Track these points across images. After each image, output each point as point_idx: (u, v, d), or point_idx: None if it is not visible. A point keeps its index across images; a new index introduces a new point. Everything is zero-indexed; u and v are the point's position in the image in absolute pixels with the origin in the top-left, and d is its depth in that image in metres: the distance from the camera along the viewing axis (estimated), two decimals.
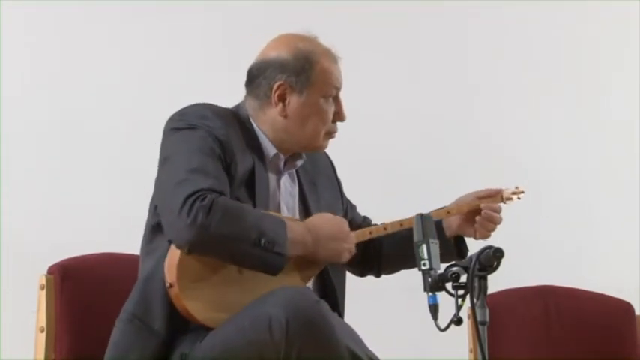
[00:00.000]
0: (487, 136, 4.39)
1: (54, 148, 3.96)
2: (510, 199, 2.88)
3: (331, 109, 2.73)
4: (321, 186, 2.84)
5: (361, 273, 2.98)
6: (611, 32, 4.55)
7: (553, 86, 4.50)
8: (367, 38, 4.25)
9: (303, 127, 2.70)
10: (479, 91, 4.43)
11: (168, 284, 2.49)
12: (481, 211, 2.83)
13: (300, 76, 2.68)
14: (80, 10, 4.02)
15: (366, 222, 2.98)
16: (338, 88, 2.74)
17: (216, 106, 2.69)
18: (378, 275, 3.00)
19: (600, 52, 4.55)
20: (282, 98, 2.69)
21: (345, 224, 2.69)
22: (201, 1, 4.16)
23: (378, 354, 2.54)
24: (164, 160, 2.60)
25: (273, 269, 2.50)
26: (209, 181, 2.49)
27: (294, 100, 2.69)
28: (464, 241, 2.91)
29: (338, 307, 2.72)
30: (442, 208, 2.85)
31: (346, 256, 2.67)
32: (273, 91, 2.69)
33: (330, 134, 2.75)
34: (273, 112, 2.70)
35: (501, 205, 2.87)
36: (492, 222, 2.83)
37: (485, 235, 2.84)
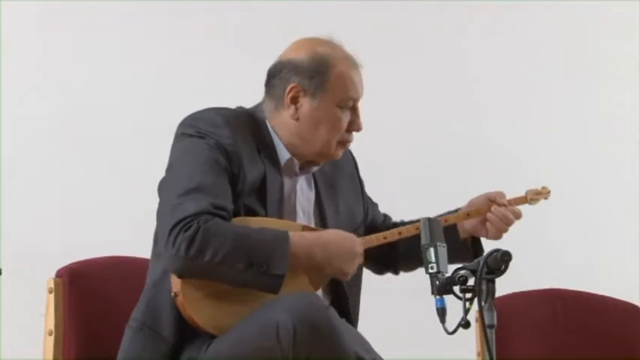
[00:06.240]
0: (493, 138, 4.39)
1: (62, 150, 3.97)
2: (535, 199, 2.85)
3: (345, 118, 2.67)
4: (340, 188, 2.80)
5: (379, 271, 2.96)
6: (612, 32, 4.55)
7: (558, 87, 4.50)
8: (373, 42, 4.25)
9: (314, 133, 2.65)
10: (483, 93, 4.43)
11: (173, 294, 2.48)
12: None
13: (313, 79, 2.63)
14: (90, 10, 4.03)
15: (386, 220, 2.95)
16: (355, 99, 2.67)
17: (230, 111, 2.66)
18: (396, 273, 2.97)
19: (601, 53, 4.54)
20: (294, 101, 2.65)
21: (357, 245, 2.62)
22: (216, 1, 4.16)
23: (385, 357, 2.53)
24: (169, 167, 2.59)
25: (269, 291, 2.46)
26: (203, 201, 2.45)
27: (306, 104, 2.65)
28: (479, 242, 2.88)
29: (349, 312, 2.69)
30: (455, 211, 2.83)
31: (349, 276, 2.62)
32: (286, 92, 2.65)
33: (344, 143, 2.69)
34: (286, 114, 2.66)
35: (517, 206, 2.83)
36: (506, 222, 2.78)
37: (498, 237, 2.80)
